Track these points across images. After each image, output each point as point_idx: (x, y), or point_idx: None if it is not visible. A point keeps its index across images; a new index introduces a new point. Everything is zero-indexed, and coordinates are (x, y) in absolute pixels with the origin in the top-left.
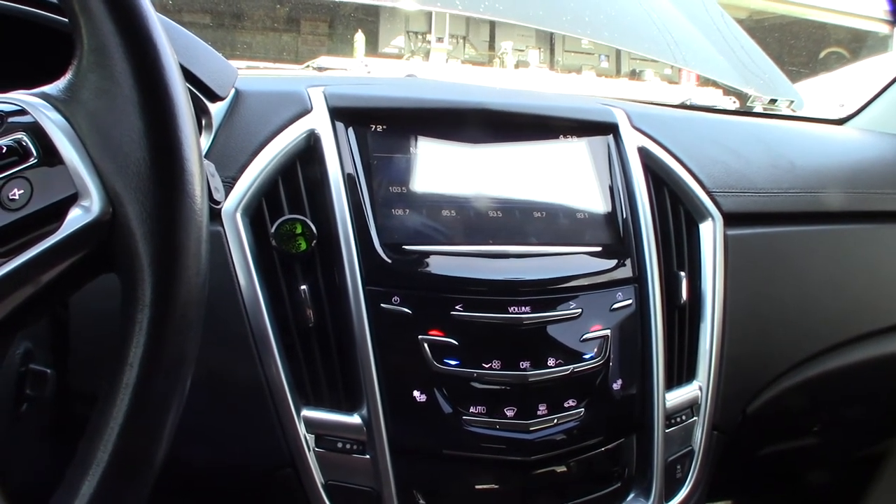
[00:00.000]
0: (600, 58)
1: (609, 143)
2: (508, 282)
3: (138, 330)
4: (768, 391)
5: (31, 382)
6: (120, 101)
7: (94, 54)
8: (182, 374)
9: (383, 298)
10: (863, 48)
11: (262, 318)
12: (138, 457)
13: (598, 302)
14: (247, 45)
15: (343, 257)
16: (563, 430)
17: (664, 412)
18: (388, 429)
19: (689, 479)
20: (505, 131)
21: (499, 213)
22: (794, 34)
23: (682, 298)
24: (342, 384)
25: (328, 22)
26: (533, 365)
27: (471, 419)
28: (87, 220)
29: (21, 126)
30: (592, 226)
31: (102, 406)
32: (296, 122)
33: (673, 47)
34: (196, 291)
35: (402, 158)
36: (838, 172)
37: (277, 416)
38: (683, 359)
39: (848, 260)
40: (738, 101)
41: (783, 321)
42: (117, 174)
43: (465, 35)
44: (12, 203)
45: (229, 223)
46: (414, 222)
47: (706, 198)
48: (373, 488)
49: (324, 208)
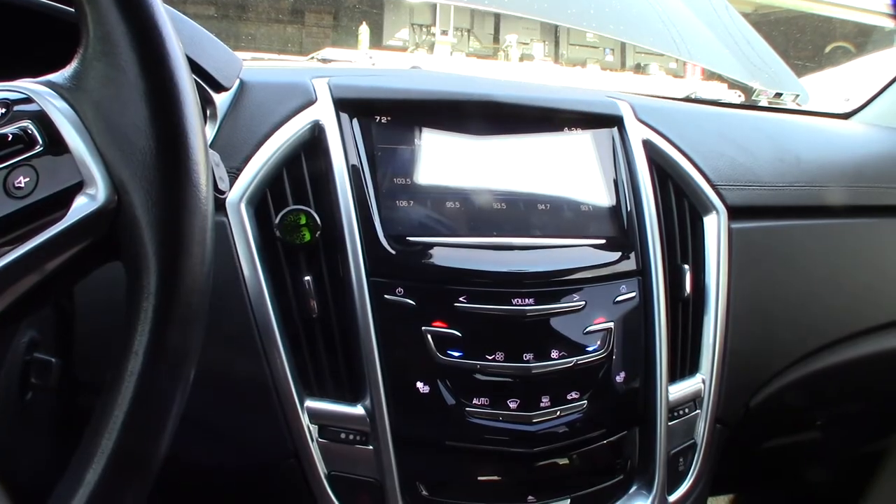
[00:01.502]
0: (605, 51)
1: (614, 136)
2: (512, 274)
3: (143, 318)
4: (771, 385)
5: (36, 371)
6: (126, 89)
7: (100, 43)
8: (187, 363)
9: (387, 289)
10: (868, 43)
11: (265, 308)
12: (142, 446)
13: (601, 294)
14: (251, 37)
15: (347, 248)
16: (566, 423)
17: (667, 405)
18: (391, 420)
19: (692, 472)
20: (510, 123)
21: (503, 205)
22: (800, 28)
23: (686, 291)
24: (345, 375)
25: (333, 14)
26: (536, 357)
27: (474, 411)
28: (93, 208)
29: (27, 114)
30: (596, 218)
31: (106, 395)
32: (300, 112)
33: (678, 41)
34: (201, 280)
35: (407, 150)
36: (843, 167)
37: (281, 407)
38: (687, 352)
39: (853, 254)
40: (744, 95)
41: (787, 315)
42: (123, 163)
43: (469, 28)
44: (18, 191)
45: (233, 213)
46: (418, 214)
47: (710, 191)
48: (376, 479)
49: (328, 199)
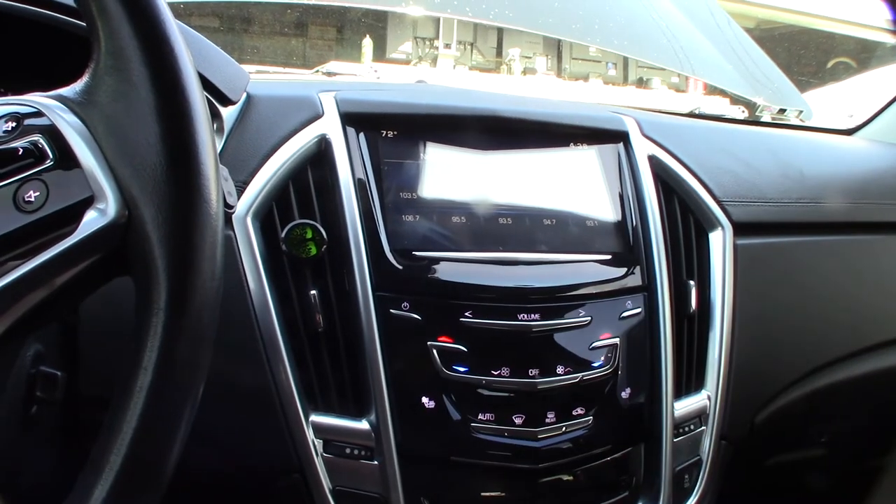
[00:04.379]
0: (608, 65)
1: (619, 152)
2: (518, 289)
3: (152, 334)
4: (777, 401)
5: (42, 385)
6: (137, 104)
7: (112, 57)
8: (196, 379)
9: (393, 304)
10: (871, 58)
11: (271, 322)
12: (152, 461)
13: (607, 310)
14: (255, 50)
15: (353, 262)
16: (572, 439)
17: (672, 421)
18: (396, 435)
19: (697, 488)
20: (516, 138)
21: (508, 220)
22: (803, 44)
23: (692, 307)
24: (351, 390)
25: (337, 27)
26: (542, 372)
27: (479, 426)
28: (103, 222)
29: (37, 128)
30: (602, 234)
31: (115, 410)
32: (307, 126)
33: (681, 56)
34: (211, 296)
35: (413, 164)
36: (847, 183)
37: (286, 421)
38: (692, 368)
39: (857, 271)
40: (747, 111)
41: (792, 331)
42: (133, 177)
43: (472, 41)
44: (28, 205)
45: (240, 227)
46: (424, 228)
47: (716, 207)
48: (380, 494)
49: (334, 213)
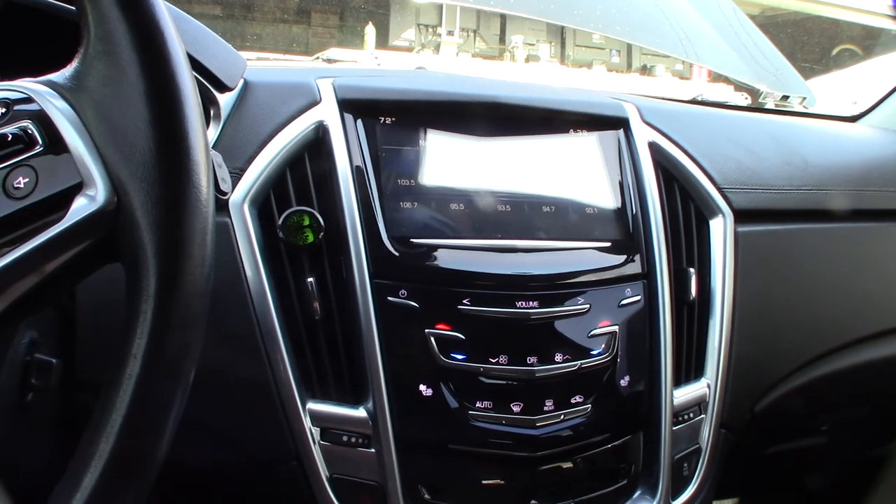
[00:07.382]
0: (611, 53)
1: (619, 138)
2: (516, 276)
3: (142, 321)
4: (777, 390)
5: (37, 372)
6: (126, 89)
7: (101, 42)
8: (186, 366)
9: (390, 291)
10: (876, 45)
11: (268, 310)
12: (141, 449)
13: (606, 298)
14: (257, 37)
15: (350, 250)
16: (570, 427)
17: (672, 409)
18: (393, 423)
19: (696, 476)
20: (515, 125)
21: (507, 207)
22: (807, 31)
23: (692, 295)
24: (348, 377)
25: (339, 14)
26: (540, 360)
27: (477, 414)
28: (92, 209)
29: (27, 114)
30: (602, 221)
31: (105, 398)
32: (304, 113)
33: (685, 43)
34: (201, 283)
35: (411, 151)
36: (851, 170)
37: (283, 409)
38: (692, 356)
39: (859, 258)
40: (750, 98)
41: (793, 319)
42: (123, 163)
43: (475, 28)
44: (17, 191)
45: (237, 214)
46: (422, 215)
47: (717, 194)
48: (377, 482)
49: (332, 200)
